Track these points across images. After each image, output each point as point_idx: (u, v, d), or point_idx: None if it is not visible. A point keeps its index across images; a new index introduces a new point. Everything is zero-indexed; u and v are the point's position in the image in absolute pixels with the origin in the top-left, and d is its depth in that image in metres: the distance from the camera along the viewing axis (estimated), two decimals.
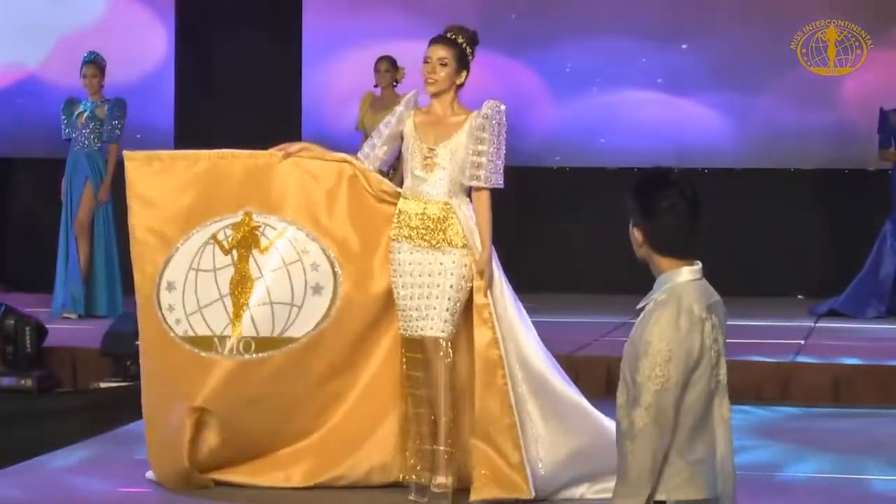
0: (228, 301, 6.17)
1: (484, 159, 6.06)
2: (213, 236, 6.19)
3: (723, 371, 3.83)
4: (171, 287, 6.18)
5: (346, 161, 6.27)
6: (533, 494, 5.99)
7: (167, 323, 6.18)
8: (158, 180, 6.25)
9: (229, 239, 6.19)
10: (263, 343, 6.15)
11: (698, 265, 3.85)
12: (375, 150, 6.25)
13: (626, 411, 3.77)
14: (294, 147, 6.32)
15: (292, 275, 6.17)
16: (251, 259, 6.18)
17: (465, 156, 6.08)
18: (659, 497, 3.76)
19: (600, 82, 12.92)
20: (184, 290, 6.18)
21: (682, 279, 3.81)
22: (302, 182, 6.24)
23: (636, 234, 3.87)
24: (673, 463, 3.76)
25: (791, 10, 12.67)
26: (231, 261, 6.18)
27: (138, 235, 6.25)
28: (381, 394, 6.26)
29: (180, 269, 6.19)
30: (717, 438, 3.83)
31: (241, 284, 6.17)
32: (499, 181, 6.10)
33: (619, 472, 3.81)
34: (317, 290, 6.17)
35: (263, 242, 6.18)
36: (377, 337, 6.27)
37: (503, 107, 6.13)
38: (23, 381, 8.71)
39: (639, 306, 3.86)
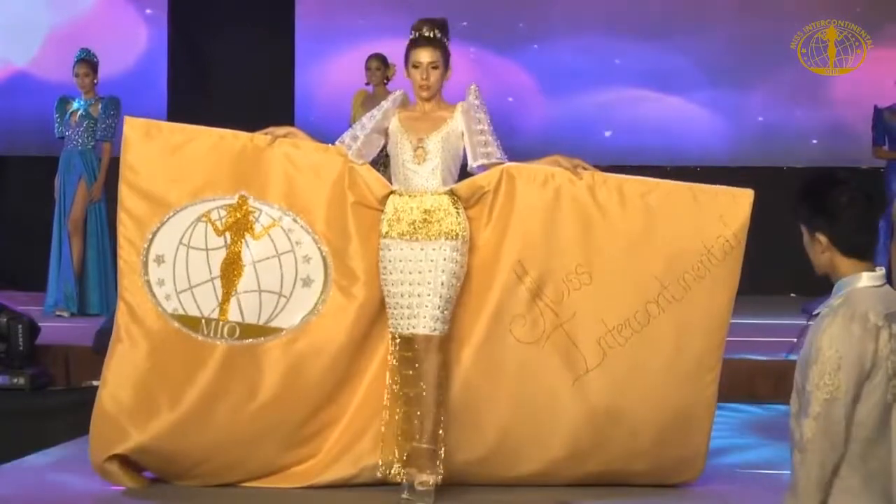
0: (218, 283, 6.14)
1: (488, 137, 6.13)
2: (206, 215, 6.16)
3: None
4: (160, 260, 6.14)
5: (348, 161, 6.23)
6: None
7: (156, 297, 6.15)
8: (155, 150, 6.20)
9: (223, 220, 6.15)
10: (248, 330, 6.14)
11: (881, 271, 3.77)
12: (357, 142, 6.23)
13: (797, 421, 3.67)
14: (281, 130, 6.28)
15: (283, 265, 6.15)
16: (244, 244, 6.15)
17: (457, 143, 6.12)
18: None
19: (596, 80, 12.93)
20: (174, 265, 6.14)
21: (861, 284, 3.74)
22: (302, 174, 6.21)
23: (819, 239, 3.79)
24: (845, 476, 3.65)
25: (791, 10, 12.68)
26: (224, 243, 6.16)
27: (127, 204, 6.18)
28: (375, 394, 6.24)
29: (170, 242, 6.14)
30: (894, 453, 3.71)
31: (231, 268, 6.14)
32: (506, 156, 6.17)
33: (789, 483, 3.70)
34: (306, 282, 6.16)
35: (258, 229, 6.16)
36: (369, 340, 6.25)
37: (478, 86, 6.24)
38: (15, 379, 8.69)
39: (815, 312, 3.78)
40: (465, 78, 6.26)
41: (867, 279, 3.75)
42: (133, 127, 6.24)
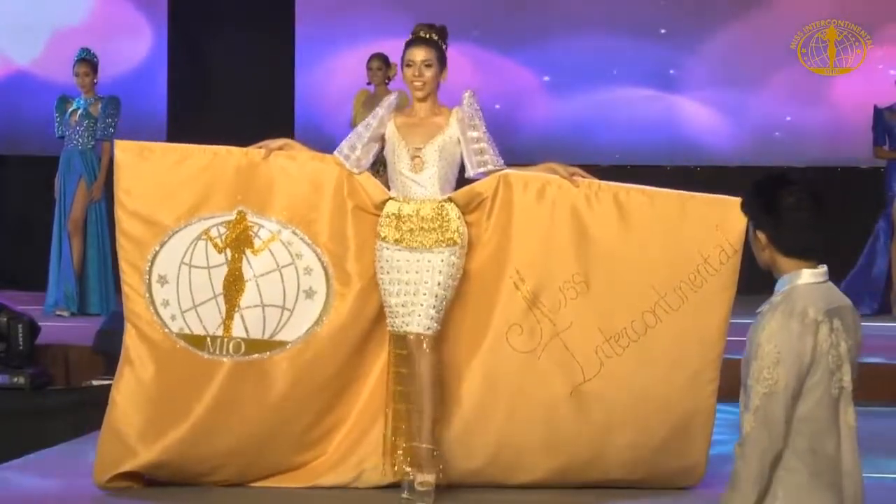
0: (222, 301, 6.13)
1: (484, 144, 6.10)
2: (206, 232, 6.13)
3: (846, 377, 3.75)
4: (163, 281, 6.13)
5: (345, 169, 6.20)
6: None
7: (161, 318, 6.13)
8: (149, 172, 6.16)
9: (223, 237, 6.13)
10: (253, 345, 6.13)
11: (823, 268, 3.77)
12: (356, 152, 6.20)
13: (742, 417, 3.69)
14: (275, 143, 6.25)
15: (285, 278, 6.14)
16: (244, 259, 6.14)
17: (454, 151, 6.10)
18: None
19: (597, 80, 12.93)
20: (178, 284, 6.13)
21: (802, 281, 3.74)
22: (300, 185, 6.18)
23: (759, 237, 3.80)
24: (795, 470, 3.68)
25: (791, 10, 12.69)
26: (225, 259, 6.14)
27: (125, 227, 6.16)
28: (377, 397, 6.25)
29: (171, 262, 6.12)
30: (842, 447, 3.75)
31: (233, 284, 6.13)
32: (503, 161, 6.14)
33: (730, 479, 3.71)
34: (309, 294, 6.15)
35: (257, 243, 6.15)
36: (372, 343, 6.25)
37: (473, 92, 6.19)
38: (15, 379, 8.70)
39: (758, 310, 3.78)
40: (465, 77, 6.24)
41: (808, 276, 3.76)
42: (124, 150, 6.20)
